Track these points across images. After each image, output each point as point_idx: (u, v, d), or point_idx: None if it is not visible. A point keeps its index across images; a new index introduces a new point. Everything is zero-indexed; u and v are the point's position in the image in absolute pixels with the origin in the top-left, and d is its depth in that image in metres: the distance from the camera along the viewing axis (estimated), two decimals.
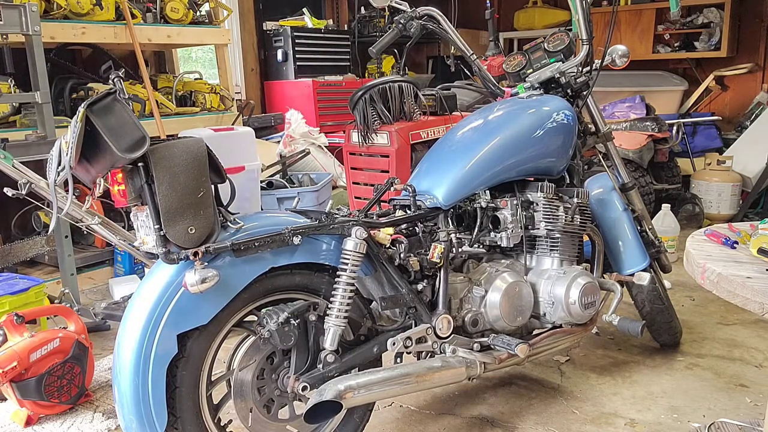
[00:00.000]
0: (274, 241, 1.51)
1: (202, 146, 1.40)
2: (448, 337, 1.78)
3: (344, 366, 1.63)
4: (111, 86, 1.36)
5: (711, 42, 5.01)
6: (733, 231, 1.61)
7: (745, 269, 1.34)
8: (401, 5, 2.24)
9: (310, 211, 1.66)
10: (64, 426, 2.06)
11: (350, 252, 1.58)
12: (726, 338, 2.58)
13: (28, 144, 2.74)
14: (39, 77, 2.81)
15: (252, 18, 5.12)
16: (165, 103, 3.87)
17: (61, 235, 2.86)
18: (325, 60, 5.13)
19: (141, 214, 1.41)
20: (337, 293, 1.58)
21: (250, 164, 3.46)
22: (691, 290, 3.10)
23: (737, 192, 4.30)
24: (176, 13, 3.85)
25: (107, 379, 2.36)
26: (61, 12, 3.28)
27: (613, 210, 2.19)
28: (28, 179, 2.18)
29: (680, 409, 2.05)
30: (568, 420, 2.01)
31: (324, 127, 4.76)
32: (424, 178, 1.92)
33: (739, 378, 2.25)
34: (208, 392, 1.54)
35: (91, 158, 1.34)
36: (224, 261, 1.45)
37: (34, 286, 2.49)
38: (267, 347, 1.58)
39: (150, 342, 1.39)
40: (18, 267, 3.35)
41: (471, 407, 2.11)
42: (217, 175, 1.45)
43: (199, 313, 1.44)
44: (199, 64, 5.67)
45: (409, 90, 3.02)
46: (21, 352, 1.98)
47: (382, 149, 2.99)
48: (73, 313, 2.22)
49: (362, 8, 5.77)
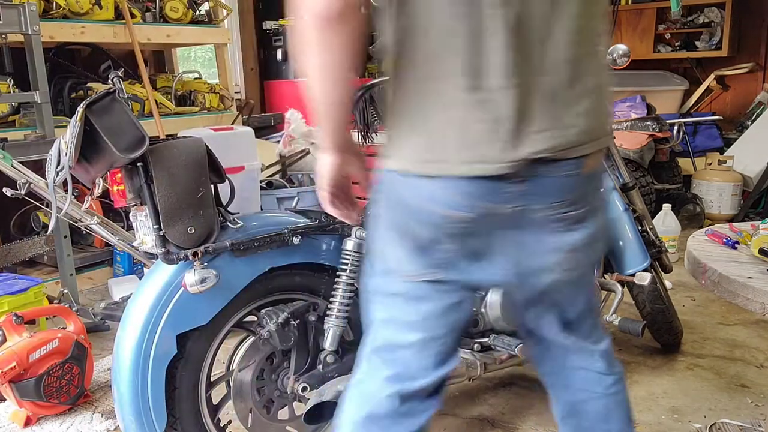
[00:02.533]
0: (273, 241, 1.50)
1: (202, 146, 1.40)
2: None
3: (344, 366, 1.63)
4: (110, 86, 1.36)
5: (712, 41, 5.00)
6: (734, 231, 1.60)
7: (746, 269, 1.34)
8: None
9: (310, 211, 1.66)
10: (63, 426, 2.06)
11: (350, 252, 1.58)
12: (727, 338, 2.58)
13: (27, 144, 2.74)
14: (38, 77, 2.80)
15: (252, 17, 5.11)
16: (164, 103, 3.86)
17: (61, 235, 2.86)
18: None
19: (140, 214, 1.40)
20: (337, 293, 1.58)
21: (249, 164, 3.45)
22: (692, 290, 3.09)
23: (738, 192, 4.30)
24: (175, 13, 3.84)
25: (106, 379, 2.35)
26: (60, 12, 3.28)
27: (614, 210, 2.19)
28: (27, 179, 2.17)
29: (681, 410, 2.04)
30: None
31: None
32: None
33: (740, 378, 2.24)
34: (207, 393, 1.54)
35: (91, 158, 1.34)
36: (224, 261, 1.45)
37: (34, 287, 2.49)
38: (267, 348, 1.57)
39: (149, 342, 1.39)
40: (17, 267, 3.34)
41: (471, 407, 2.11)
42: (217, 175, 1.45)
43: (199, 314, 1.44)
44: (198, 64, 5.66)
45: None
46: (20, 353, 1.97)
47: None
48: (72, 314, 2.22)
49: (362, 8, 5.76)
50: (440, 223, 1.01)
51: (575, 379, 1.22)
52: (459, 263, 1.05)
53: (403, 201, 1.04)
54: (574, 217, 1.03)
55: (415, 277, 1.07)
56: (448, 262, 1.05)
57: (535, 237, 1.04)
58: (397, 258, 1.08)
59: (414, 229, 1.04)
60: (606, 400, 1.22)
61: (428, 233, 1.03)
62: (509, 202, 0.98)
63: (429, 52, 0.96)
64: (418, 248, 1.05)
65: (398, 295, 1.10)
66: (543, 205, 1.00)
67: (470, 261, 1.05)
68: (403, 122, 1.01)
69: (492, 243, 1.04)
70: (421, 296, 1.08)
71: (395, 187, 1.04)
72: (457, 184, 0.97)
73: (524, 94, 0.94)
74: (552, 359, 1.24)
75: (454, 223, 1.00)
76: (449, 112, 0.96)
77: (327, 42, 0.92)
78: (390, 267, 1.10)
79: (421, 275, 1.07)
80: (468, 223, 1.00)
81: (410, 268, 1.07)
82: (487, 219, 1.00)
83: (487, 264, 1.06)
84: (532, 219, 1.01)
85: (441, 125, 0.97)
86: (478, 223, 1.00)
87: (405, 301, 1.10)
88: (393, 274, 1.10)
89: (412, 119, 1.00)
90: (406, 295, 1.09)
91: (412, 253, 1.06)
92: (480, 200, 0.98)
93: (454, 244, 1.03)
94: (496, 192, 0.97)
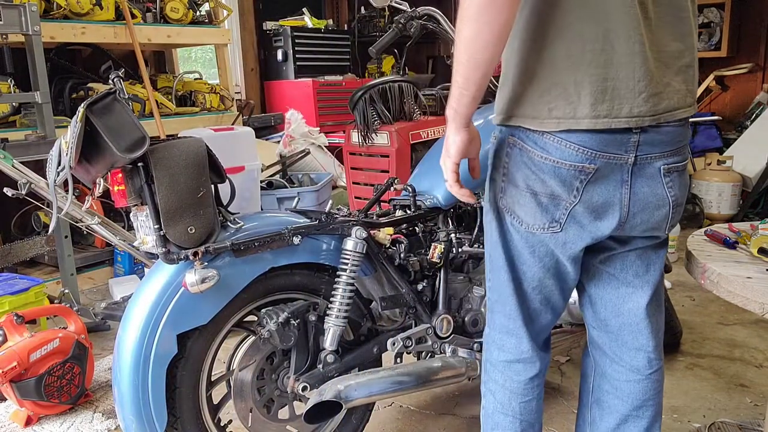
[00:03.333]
0: (274, 241, 1.51)
1: (202, 146, 1.40)
2: (448, 337, 1.78)
3: (344, 366, 1.63)
4: (111, 86, 1.36)
5: (711, 42, 5.01)
6: (733, 231, 1.60)
7: (745, 269, 1.34)
8: (401, 5, 2.24)
9: (310, 211, 1.66)
10: (63, 426, 2.06)
11: (350, 252, 1.58)
12: (726, 338, 2.58)
13: (28, 144, 2.74)
14: (39, 77, 2.80)
15: (252, 18, 5.11)
16: (165, 103, 3.87)
17: (61, 235, 2.86)
18: (325, 60, 5.12)
19: (141, 214, 1.41)
20: (337, 293, 1.58)
21: (250, 164, 3.46)
22: (691, 290, 3.09)
23: (737, 192, 4.30)
24: (176, 13, 3.84)
25: (107, 379, 2.36)
26: (61, 12, 3.28)
27: None
28: (28, 179, 2.18)
29: (680, 409, 2.05)
30: (568, 420, 2.01)
31: (324, 127, 4.76)
32: (424, 178, 1.92)
33: (739, 378, 2.25)
34: (207, 392, 1.54)
35: (91, 158, 1.34)
36: (224, 261, 1.45)
37: (34, 286, 2.49)
38: (267, 347, 1.58)
39: (150, 342, 1.39)
40: (18, 267, 3.35)
41: (471, 407, 2.11)
42: (217, 175, 1.45)
43: (199, 313, 1.44)
44: (198, 64, 5.66)
45: (409, 90, 3.02)
46: (21, 352, 1.98)
47: (382, 149, 2.99)
48: (73, 313, 2.22)
49: (362, 8, 5.77)
50: (567, 177, 1.11)
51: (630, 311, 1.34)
52: (579, 216, 1.15)
53: (531, 158, 1.14)
54: (679, 168, 1.17)
55: (539, 230, 1.18)
56: (570, 215, 1.15)
57: (651, 188, 1.15)
58: (524, 213, 1.18)
59: (541, 184, 1.14)
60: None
61: (554, 187, 1.13)
62: (631, 151, 1.10)
63: (567, 19, 1.06)
64: (544, 203, 1.15)
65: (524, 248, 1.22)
66: (657, 153, 1.12)
67: (589, 214, 1.15)
68: (533, 83, 1.11)
69: (611, 195, 1.14)
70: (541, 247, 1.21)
71: (524, 145, 1.14)
72: (585, 137, 1.08)
73: (646, 59, 1.07)
74: (618, 297, 1.33)
75: (581, 175, 1.11)
76: (579, 73, 1.07)
77: (493, 12, 1.01)
78: (519, 221, 1.20)
79: (543, 228, 1.17)
80: (593, 175, 1.11)
81: (534, 222, 1.17)
82: (609, 170, 1.12)
83: (602, 216, 1.16)
84: (648, 169, 1.13)
85: (572, 84, 1.07)
86: (601, 174, 1.11)
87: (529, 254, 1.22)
88: (520, 228, 1.20)
89: (543, 79, 1.09)
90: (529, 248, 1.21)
91: (537, 207, 1.16)
92: (606, 151, 1.09)
93: (577, 197, 1.13)
94: (620, 143, 1.10)
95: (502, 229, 1.24)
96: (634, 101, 1.07)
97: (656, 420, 1.39)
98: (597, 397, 1.43)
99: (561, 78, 1.08)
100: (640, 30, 1.06)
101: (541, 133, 1.11)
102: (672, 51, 1.11)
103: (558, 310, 1.32)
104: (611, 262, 1.30)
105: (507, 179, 1.20)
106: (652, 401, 1.38)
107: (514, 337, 1.30)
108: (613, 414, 1.39)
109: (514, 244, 1.24)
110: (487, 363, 1.37)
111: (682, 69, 1.13)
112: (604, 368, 1.41)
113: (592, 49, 1.06)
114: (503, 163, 1.19)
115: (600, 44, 1.05)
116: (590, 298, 1.37)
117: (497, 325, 1.33)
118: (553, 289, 1.27)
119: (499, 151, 1.20)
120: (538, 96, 1.10)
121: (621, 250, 1.28)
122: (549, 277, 1.25)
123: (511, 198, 1.20)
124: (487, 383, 1.37)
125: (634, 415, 1.37)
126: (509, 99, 1.15)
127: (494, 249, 1.27)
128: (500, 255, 1.26)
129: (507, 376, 1.33)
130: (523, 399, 1.33)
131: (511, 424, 1.33)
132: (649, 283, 1.32)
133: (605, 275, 1.32)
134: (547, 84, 1.09)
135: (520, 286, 1.27)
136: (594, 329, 1.41)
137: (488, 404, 1.37)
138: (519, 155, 1.16)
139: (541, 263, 1.23)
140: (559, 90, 1.08)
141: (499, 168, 1.21)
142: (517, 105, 1.14)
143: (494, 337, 1.34)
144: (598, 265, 1.30)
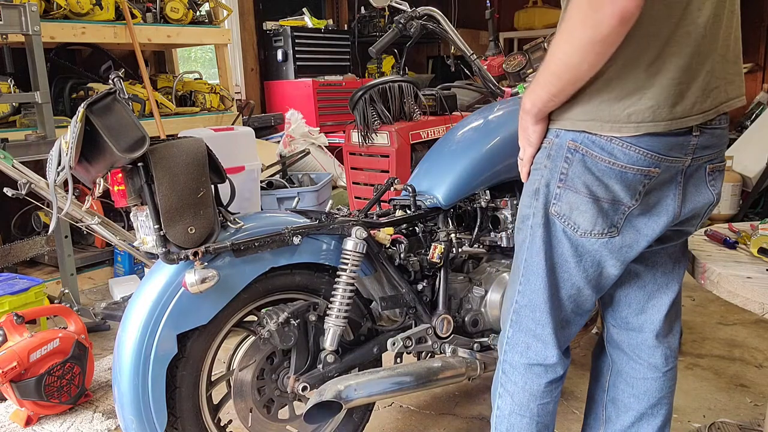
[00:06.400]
0: (274, 241, 1.50)
1: (202, 146, 1.40)
2: (448, 337, 1.78)
3: (344, 366, 1.63)
4: (111, 86, 1.36)
5: None
6: (733, 231, 1.60)
7: (745, 269, 1.34)
8: (401, 5, 2.24)
9: (310, 211, 1.66)
10: (63, 426, 2.06)
11: (350, 252, 1.58)
12: (726, 338, 2.58)
13: (28, 144, 2.74)
14: (39, 77, 2.81)
15: (252, 18, 5.12)
16: (165, 103, 3.87)
17: (61, 235, 2.86)
18: (325, 60, 5.13)
19: (141, 214, 1.41)
20: (337, 293, 1.58)
21: (250, 164, 3.46)
22: (692, 290, 3.09)
23: (737, 192, 4.30)
24: (176, 13, 3.84)
25: (107, 379, 2.36)
26: (61, 12, 3.28)
27: None
28: (28, 179, 2.18)
29: (680, 409, 2.05)
30: (568, 420, 2.01)
31: (324, 127, 4.76)
32: (424, 178, 1.92)
33: (739, 378, 2.25)
34: (208, 392, 1.54)
35: (91, 158, 1.34)
36: (224, 261, 1.45)
37: (34, 286, 2.49)
38: (267, 347, 1.58)
39: (150, 342, 1.39)
40: (18, 267, 3.35)
41: (471, 407, 2.11)
42: (217, 175, 1.45)
43: (199, 313, 1.44)
44: (198, 64, 5.66)
45: (409, 90, 3.02)
46: (21, 352, 1.98)
47: (382, 149, 2.98)
48: (73, 313, 2.22)
49: (362, 8, 5.77)
50: (633, 182, 1.12)
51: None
52: (635, 220, 1.16)
53: (595, 163, 1.13)
54: (721, 168, 1.21)
55: (596, 236, 1.17)
56: (627, 219, 1.16)
57: (696, 188, 1.18)
58: (582, 219, 1.17)
59: (604, 190, 1.14)
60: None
61: (618, 192, 1.13)
62: (689, 154, 1.13)
63: (647, 26, 1.06)
64: (605, 209, 1.15)
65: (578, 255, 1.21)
66: (707, 154, 1.16)
67: (644, 217, 1.17)
68: (609, 87, 1.09)
69: (665, 197, 1.16)
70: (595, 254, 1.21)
71: (589, 150, 1.13)
72: (653, 141, 1.09)
73: (715, 58, 1.11)
74: (644, 296, 1.35)
75: (646, 179, 1.12)
76: (645, 75, 1.07)
77: (606, 46, 1.01)
78: (574, 228, 1.19)
79: (602, 234, 1.17)
80: (654, 178, 1.12)
81: (593, 228, 1.17)
82: (668, 173, 1.13)
83: (656, 218, 1.17)
84: (698, 171, 1.17)
85: (636, 88, 1.07)
86: (661, 177, 1.13)
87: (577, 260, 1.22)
88: (575, 235, 1.19)
89: (621, 84, 1.08)
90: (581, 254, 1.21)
91: (598, 213, 1.15)
92: (669, 155, 1.11)
93: (638, 200, 1.14)
94: (682, 146, 1.12)
95: (549, 235, 1.21)
96: (700, 97, 1.10)
97: (669, 419, 1.40)
98: (612, 396, 1.44)
99: (642, 83, 1.07)
100: (714, 30, 1.09)
101: (609, 138, 1.10)
102: (729, 44, 1.14)
103: (586, 318, 1.31)
104: (642, 260, 1.30)
105: (564, 184, 1.17)
106: (667, 399, 1.39)
107: (540, 343, 1.28)
108: (629, 412, 1.40)
109: (560, 251, 1.21)
110: (505, 364, 1.34)
111: (736, 61, 1.17)
112: (621, 366, 1.41)
113: (659, 52, 1.07)
114: (560, 168, 1.17)
115: (667, 48, 1.07)
116: (612, 298, 1.37)
117: (523, 328, 1.30)
118: (588, 299, 1.26)
119: (555, 156, 1.17)
120: (616, 100, 1.09)
121: (656, 248, 1.29)
122: (588, 288, 1.23)
123: (567, 204, 1.17)
124: (506, 384, 1.34)
125: (649, 413, 1.38)
126: (576, 103, 1.13)
127: (536, 255, 1.24)
128: (541, 261, 1.23)
129: (528, 378, 1.30)
130: (542, 401, 1.31)
131: (528, 426, 1.31)
132: (675, 281, 1.34)
133: (632, 275, 1.33)
134: (627, 89, 1.08)
135: (556, 294, 1.24)
136: (614, 327, 1.41)
137: (504, 405, 1.34)
138: (581, 160, 1.14)
139: (585, 273, 1.21)
140: (639, 95, 1.07)
141: (554, 173, 1.18)
142: (587, 110, 1.12)
143: (518, 340, 1.31)
144: (629, 265, 1.28)
